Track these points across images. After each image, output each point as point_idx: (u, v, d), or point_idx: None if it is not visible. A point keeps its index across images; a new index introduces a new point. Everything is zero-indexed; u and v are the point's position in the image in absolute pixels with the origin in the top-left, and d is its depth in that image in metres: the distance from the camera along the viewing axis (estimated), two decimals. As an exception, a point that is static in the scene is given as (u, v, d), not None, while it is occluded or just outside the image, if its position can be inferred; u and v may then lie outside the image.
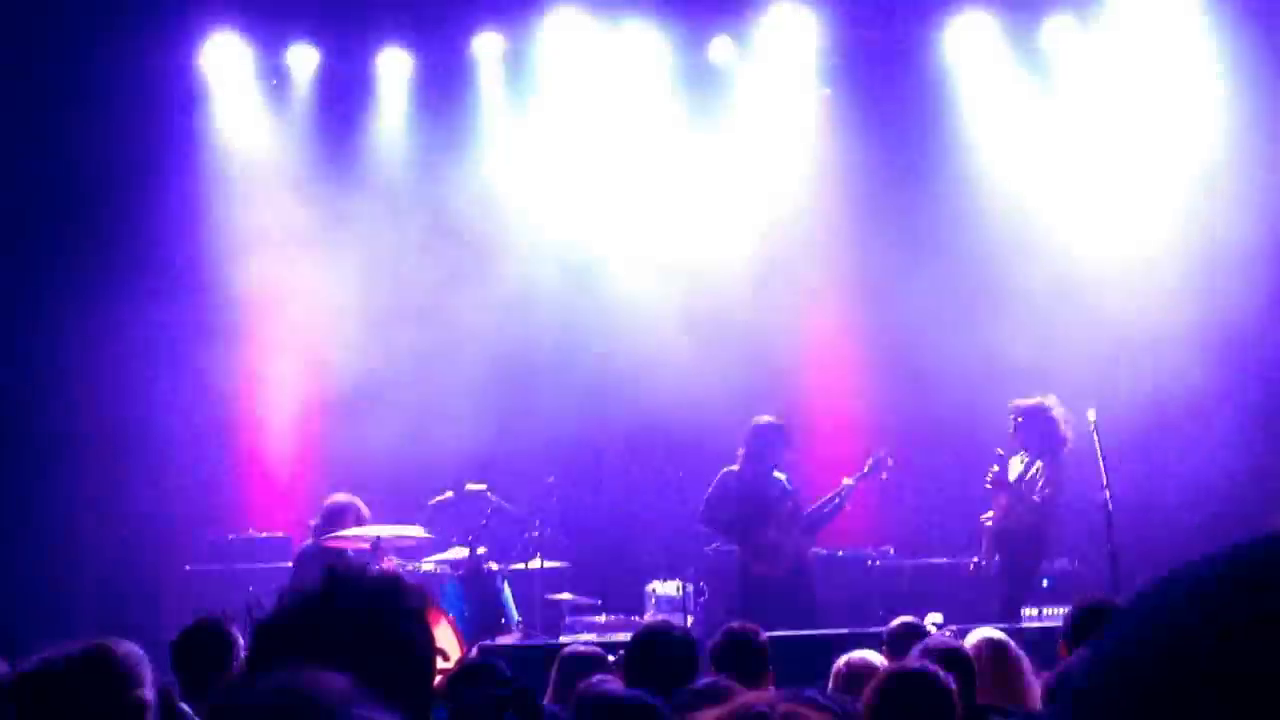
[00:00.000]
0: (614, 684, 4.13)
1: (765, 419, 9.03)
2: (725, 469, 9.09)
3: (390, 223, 10.98)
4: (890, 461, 9.08)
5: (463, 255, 10.89)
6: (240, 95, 11.09)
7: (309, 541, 8.34)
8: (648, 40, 11.01)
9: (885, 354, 10.62)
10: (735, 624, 4.96)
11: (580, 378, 10.80)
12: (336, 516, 8.20)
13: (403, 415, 10.58)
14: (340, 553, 8.09)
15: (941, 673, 3.66)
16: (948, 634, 5.15)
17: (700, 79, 11.11)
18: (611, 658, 5.08)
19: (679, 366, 10.49)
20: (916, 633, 5.33)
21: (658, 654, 4.42)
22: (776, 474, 9.04)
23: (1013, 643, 4.81)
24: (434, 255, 10.90)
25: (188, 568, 9.58)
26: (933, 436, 10.25)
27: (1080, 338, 10.22)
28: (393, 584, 1.89)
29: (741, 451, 9.01)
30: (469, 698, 3.67)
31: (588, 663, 4.95)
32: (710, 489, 9.07)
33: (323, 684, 1.29)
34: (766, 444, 8.95)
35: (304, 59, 11.09)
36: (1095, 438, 8.18)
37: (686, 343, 10.59)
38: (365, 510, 8.29)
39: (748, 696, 1.42)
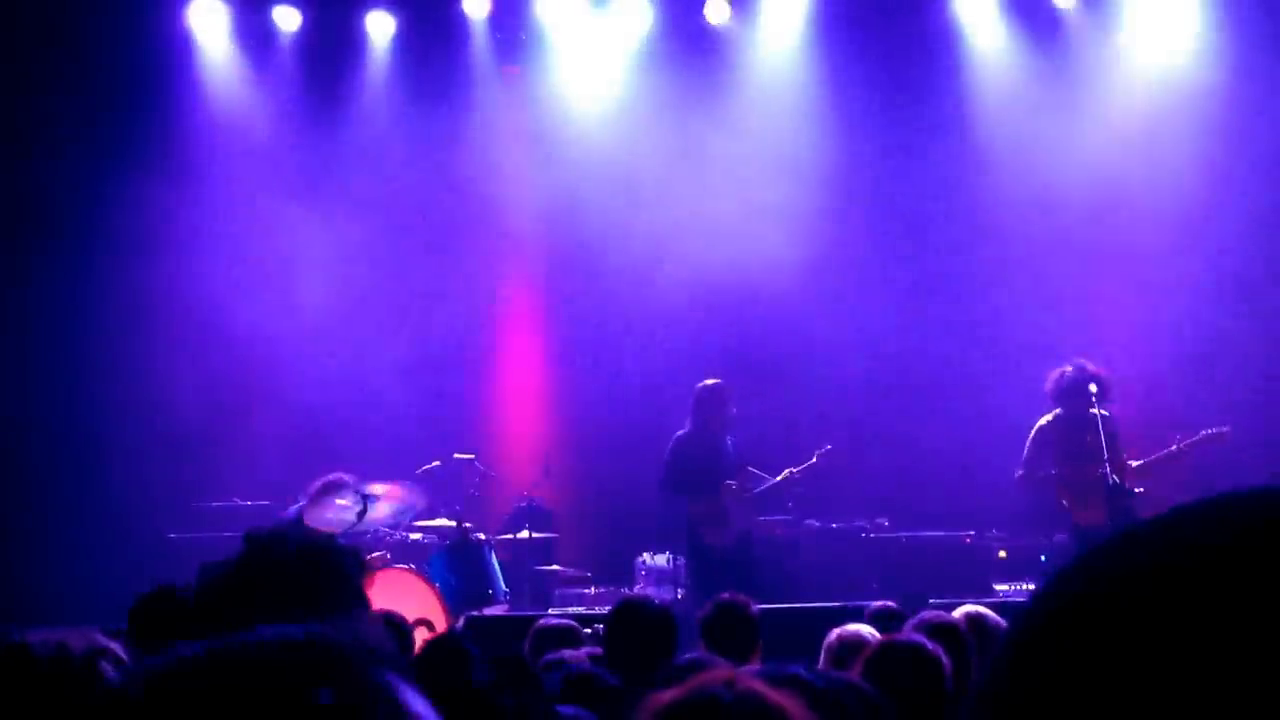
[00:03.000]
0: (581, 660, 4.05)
1: (707, 381, 8.89)
2: (676, 434, 8.93)
3: (375, 187, 10.85)
4: (829, 450, 8.95)
5: (451, 221, 10.76)
6: (225, 56, 10.92)
7: (293, 507, 8.19)
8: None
9: (878, 320, 10.49)
10: (726, 595, 4.88)
11: (573, 347, 10.69)
12: (332, 489, 8.05)
13: (390, 381, 10.47)
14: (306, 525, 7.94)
15: (929, 644, 3.58)
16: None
17: (696, 39, 10.94)
18: (589, 630, 5.01)
19: (675, 335, 10.38)
20: (897, 615, 5.26)
21: (634, 628, 4.32)
22: (728, 438, 8.91)
23: (993, 614, 4.77)
24: (422, 220, 10.77)
25: (171, 535, 9.45)
26: (927, 406, 10.14)
27: (1088, 303, 10.13)
28: (316, 550, 1.81)
29: (689, 417, 8.89)
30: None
31: (560, 636, 4.88)
32: (666, 456, 8.92)
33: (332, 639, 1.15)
34: (707, 405, 8.81)
35: (288, 20, 10.93)
36: (1096, 410, 8.05)
37: (680, 309, 10.48)
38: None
39: (707, 675, 1.31)
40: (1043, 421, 8.33)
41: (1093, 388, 8.08)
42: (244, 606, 1.76)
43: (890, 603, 5.69)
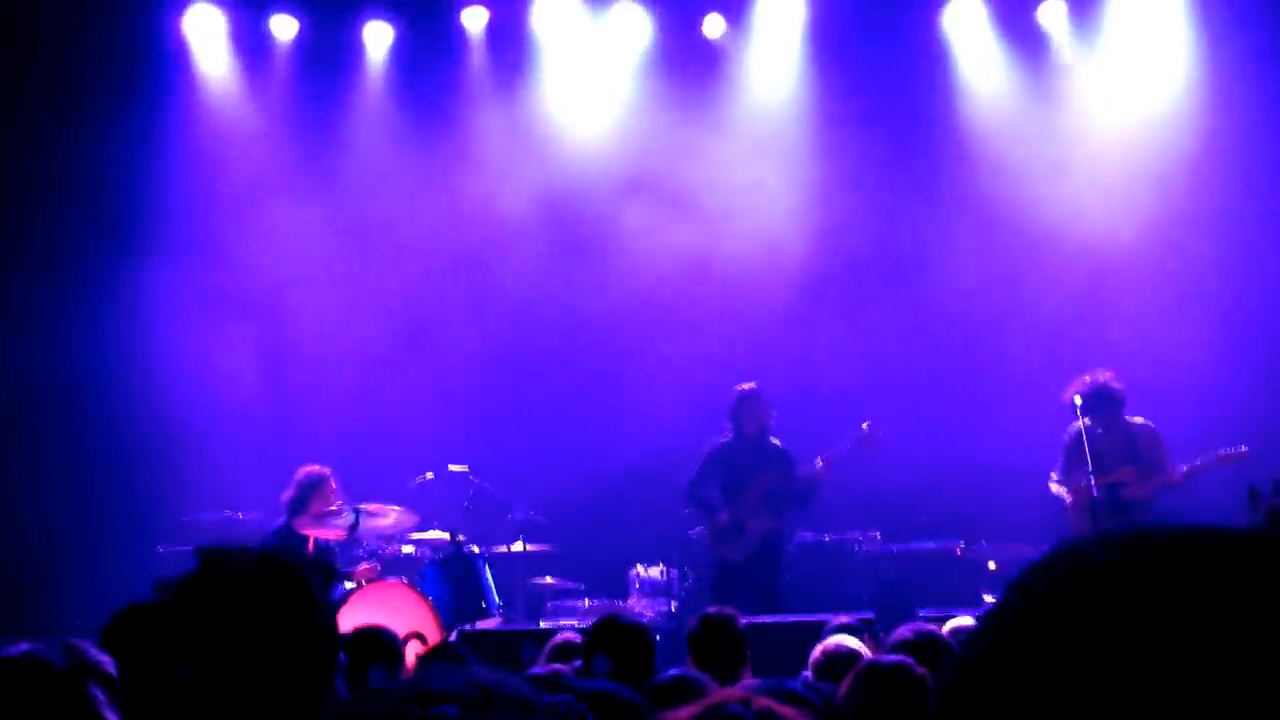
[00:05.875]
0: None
1: (743, 386, 8.88)
2: (709, 444, 8.91)
3: (370, 196, 10.86)
4: (878, 434, 8.75)
5: (446, 231, 10.77)
6: (221, 63, 10.92)
7: (281, 520, 8.18)
8: (637, 14, 10.91)
9: (870, 333, 10.51)
10: (712, 610, 4.88)
11: (567, 357, 10.71)
12: (311, 489, 8.03)
13: (385, 393, 10.47)
14: (303, 536, 7.94)
15: (913, 664, 3.60)
16: None
17: (692, 53, 10.97)
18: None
19: (671, 344, 10.40)
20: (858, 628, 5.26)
21: (608, 644, 4.31)
22: (773, 440, 8.87)
23: None
24: (418, 234, 10.79)
25: (160, 549, 9.43)
26: (919, 419, 10.16)
27: (1079, 315, 10.16)
28: (273, 567, 1.81)
29: (728, 423, 8.89)
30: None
31: (577, 651, 4.87)
32: (696, 467, 8.90)
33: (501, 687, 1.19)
34: (744, 411, 8.78)
35: (285, 28, 10.94)
36: (1081, 422, 8.07)
37: (677, 320, 10.50)
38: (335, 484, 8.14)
39: (723, 693, 1.32)
40: (1071, 427, 8.28)
41: (1077, 399, 8.10)
42: (199, 624, 1.74)
43: (848, 618, 5.70)
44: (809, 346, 10.48)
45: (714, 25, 10.98)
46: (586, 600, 9.45)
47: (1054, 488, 8.40)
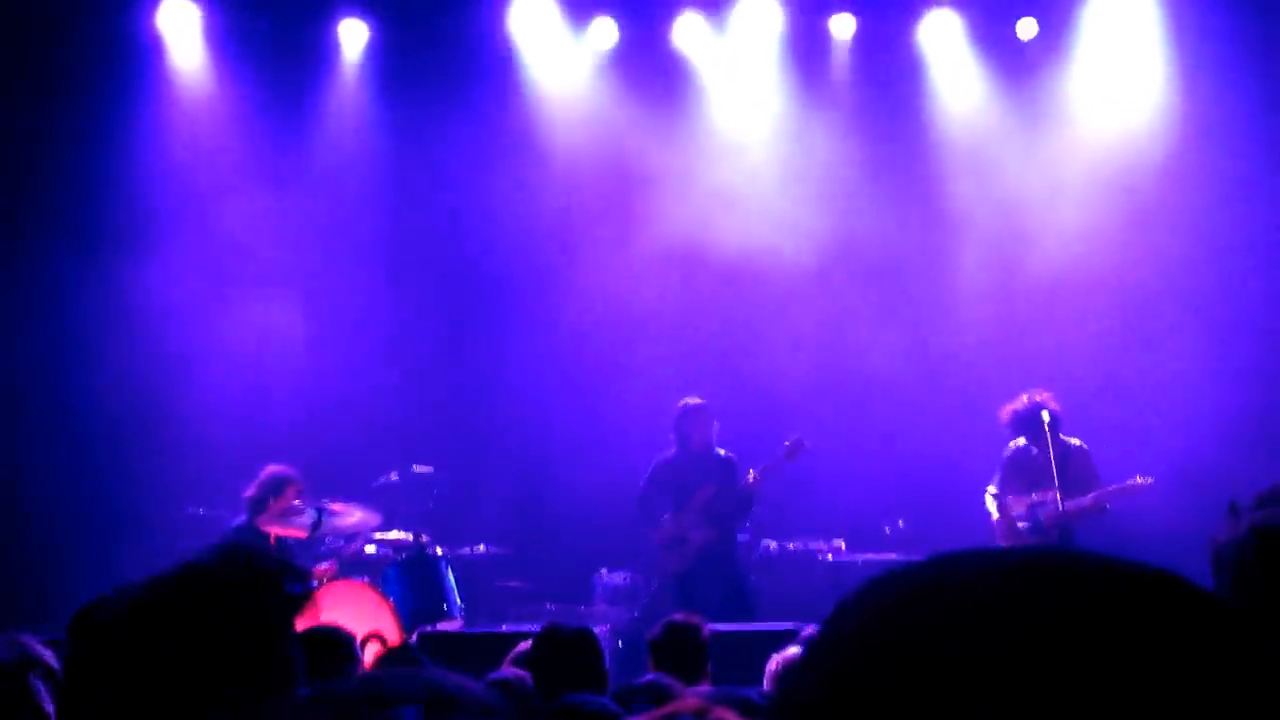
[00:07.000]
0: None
1: (687, 400, 8.89)
2: (657, 457, 8.95)
3: (344, 195, 10.82)
4: (805, 444, 8.74)
5: (422, 231, 10.75)
6: (195, 59, 10.85)
7: (241, 518, 8.12)
8: (611, 20, 10.92)
9: (842, 343, 10.53)
10: (679, 617, 4.87)
11: (535, 360, 10.69)
12: (274, 489, 7.98)
13: (351, 392, 10.43)
14: (264, 533, 7.88)
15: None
16: None
17: (668, 57, 10.98)
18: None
19: (643, 351, 10.40)
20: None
21: (551, 656, 4.28)
22: (719, 450, 8.89)
23: None
24: (389, 232, 10.76)
25: (121, 545, 9.35)
26: (886, 431, 10.19)
27: (1060, 333, 10.23)
28: (251, 571, 1.78)
29: (672, 436, 8.90)
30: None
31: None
32: (644, 484, 8.92)
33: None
34: (683, 424, 8.80)
35: (260, 24, 10.88)
36: (1048, 435, 8.12)
37: (649, 325, 10.50)
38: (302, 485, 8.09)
39: (679, 703, 1.31)
40: (1009, 445, 8.35)
41: (1045, 415, 8.16)
42: (167, 636, 1.73)
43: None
44: (784, 356, 10.49)
45: (692, 32, 10.97)
46: (549, 604, 9.42)
47: (988, 502, 8.47)
